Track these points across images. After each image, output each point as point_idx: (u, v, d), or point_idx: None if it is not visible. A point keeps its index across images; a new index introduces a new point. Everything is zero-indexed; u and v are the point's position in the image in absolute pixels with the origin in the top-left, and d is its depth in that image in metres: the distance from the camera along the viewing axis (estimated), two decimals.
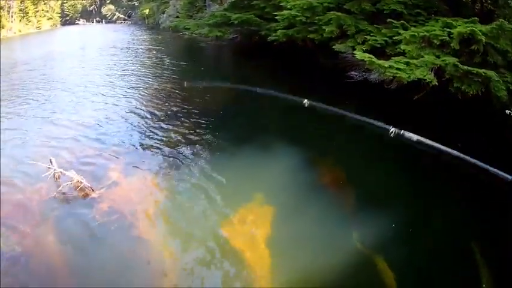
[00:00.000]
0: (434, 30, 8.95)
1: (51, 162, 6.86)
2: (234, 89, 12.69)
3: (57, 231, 5.61)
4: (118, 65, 19.56)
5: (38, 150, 8.03)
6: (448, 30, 8.70)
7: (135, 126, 9.50)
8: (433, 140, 7.85)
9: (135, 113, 10.59)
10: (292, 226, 5.73)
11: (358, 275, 4.80)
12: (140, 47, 27.82)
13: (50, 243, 5.36)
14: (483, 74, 7.63)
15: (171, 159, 7.63)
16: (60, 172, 6.74)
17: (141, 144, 8.37)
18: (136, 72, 17.14)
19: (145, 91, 13.26)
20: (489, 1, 10.20)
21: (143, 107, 11.19)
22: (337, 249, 5.24)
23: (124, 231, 5.58)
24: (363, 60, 9.56)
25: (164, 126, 9.39)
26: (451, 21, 8.90)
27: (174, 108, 10.80)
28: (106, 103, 11.78)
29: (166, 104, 11.34)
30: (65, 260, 5.09)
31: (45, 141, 8.69)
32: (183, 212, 6.02)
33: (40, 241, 5.42)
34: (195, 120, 9.61)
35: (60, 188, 6.40)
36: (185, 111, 10.54)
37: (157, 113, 10.49)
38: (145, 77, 15.91)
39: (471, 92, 7.84)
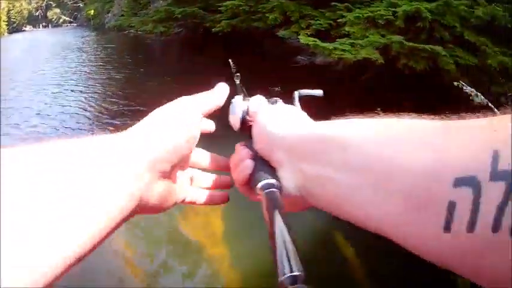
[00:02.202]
0: (379, 10, 8.75)
1: None
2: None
3: None
4: (66, 69, 19.15)
5: None
6: (393, 9, 8.53)
7: (85, 124, 9.63)
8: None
9: (86, 112, 10.63)
10: (249, 212, 5.47)
11: (318, 253, 4.60)
12: (80, 51, 27.09)
13: None
14: (429, 49, 7.47)
15: None
16: None
17: None
18: (84, 75, 16.88)
19: (94, 91, 13.15)
20: None
21: (95, 107, 11.18)
22: (296, 229, 4.91)
23: None
24: (307, 44, 9.29)
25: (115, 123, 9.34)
26: (396, 1, 8.68)
27: (122, 112, 10.59)
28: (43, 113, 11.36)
29: (113, 107, 11.14)
30: None
31: None
32: None
33: None
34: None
35: None
36: (136, 114, 9.97)
37: (105, 116, 10.36)
38: (93, 78, 15.69)
39: (419, 68, 7.68)
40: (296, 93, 0.91)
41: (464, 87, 6.46)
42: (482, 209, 0.34)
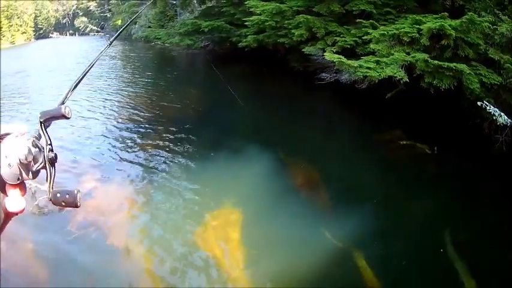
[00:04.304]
0: (404, 27, 8.81)
1: None
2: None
3: (35, 245, 5.60)
4: (93, 76, 19.59)
5: None
6: (418, 26, 8.60)
7: (108, 137, 9.50)
8: (407, 138, 7.97)
9: (108, 123, 10.64)
10: (266, 229, 5.69)
11: (337, 273, 4.80)
12: (113, 58, 27.61)
13: (29, 257, 5.36)
14: (454, 67, 7.52)
15: (145, 168, 7.63)
16: (36, 186, 6.50)
17: (115, 155, 8.36)
18: (111, 83, 17.26)
19: (120, 101, 13.27)
20: None
21: (117, 117, 11.24)
22: (314, 248, 5.18)
23: (100, 242, 5.54)
24: (332, 61, 9.40)
25: (138, 136, 9.40)
26: (420, 18, 8.79)
27: (148, 118, 10.77)
28: (79, 115, 11.62)
29: (140, 113, 11.34)
30: (44, 273, 5.04)
31: None
32: (158, 220, 5.97)
33: (19, 256, 5.37)
34: (168, 128, 9.60)
35: (36, 203, 6.32)
36: (159, 120, 10.56)
37: (131, 123, 10.51)
38: (120, 88, 16.00)
39: (443, 87, 7.73)
40: (39, 115, 0.94)
41: (488, 107, 6.57)
42: None
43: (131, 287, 4.75)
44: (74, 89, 1.17)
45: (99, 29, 67.23)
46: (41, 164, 0.90)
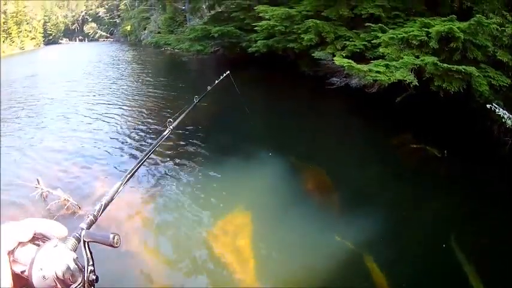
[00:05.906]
0: (413, 30, 8.86)
1: (38, 182, 6.82)
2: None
3: None
4: (105, 82, 19.78)
5: (25, 170, 8.09)
6: (426, 30, 8.64)
7: (120, 143, 9.56)
8: (417, 142, 7.97)
9: (120, 130, 10.70)
10: (277, 232, 5.74)
11: (347, 277, 4.79)
12: (125, 64, 27.84)
13: None
14: (463, 70, 7.56)
15: (157, 174, 7.66)
16: (48, 191, 6.70)
17: (127, 161, 8.37)
18: (123, 89, 17.40)
19: (131, 108, 13.34)
20: None
21: (128, 123, 11.31)
22: (325, 253, 5.20)
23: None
24: (342, 66, 9.47)
25: (149, 139, 9.47)
26: (429, 21, 8.82)
27: (160, 121, 10.81)
28: (91, 121, 11.89)
29: (151, 119, 11.42)
30: None
31: (32, 160, 8.73)
32: (170, 226, 6.02)
33: None
34: (179, 133, 9.58)
35: (47, 207, 6.41)
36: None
37: (142, 129, 10.58)
38: (132, 94, 16.11)
39: (453, 90, 7.78)
40: (83, 233, 0.91)
41: (497, 110, 6.62)
42: None
43: None
44: (126, 182, 1.16)
45: (108, 35, 67.84)
46: (79, 284, 0.83)
